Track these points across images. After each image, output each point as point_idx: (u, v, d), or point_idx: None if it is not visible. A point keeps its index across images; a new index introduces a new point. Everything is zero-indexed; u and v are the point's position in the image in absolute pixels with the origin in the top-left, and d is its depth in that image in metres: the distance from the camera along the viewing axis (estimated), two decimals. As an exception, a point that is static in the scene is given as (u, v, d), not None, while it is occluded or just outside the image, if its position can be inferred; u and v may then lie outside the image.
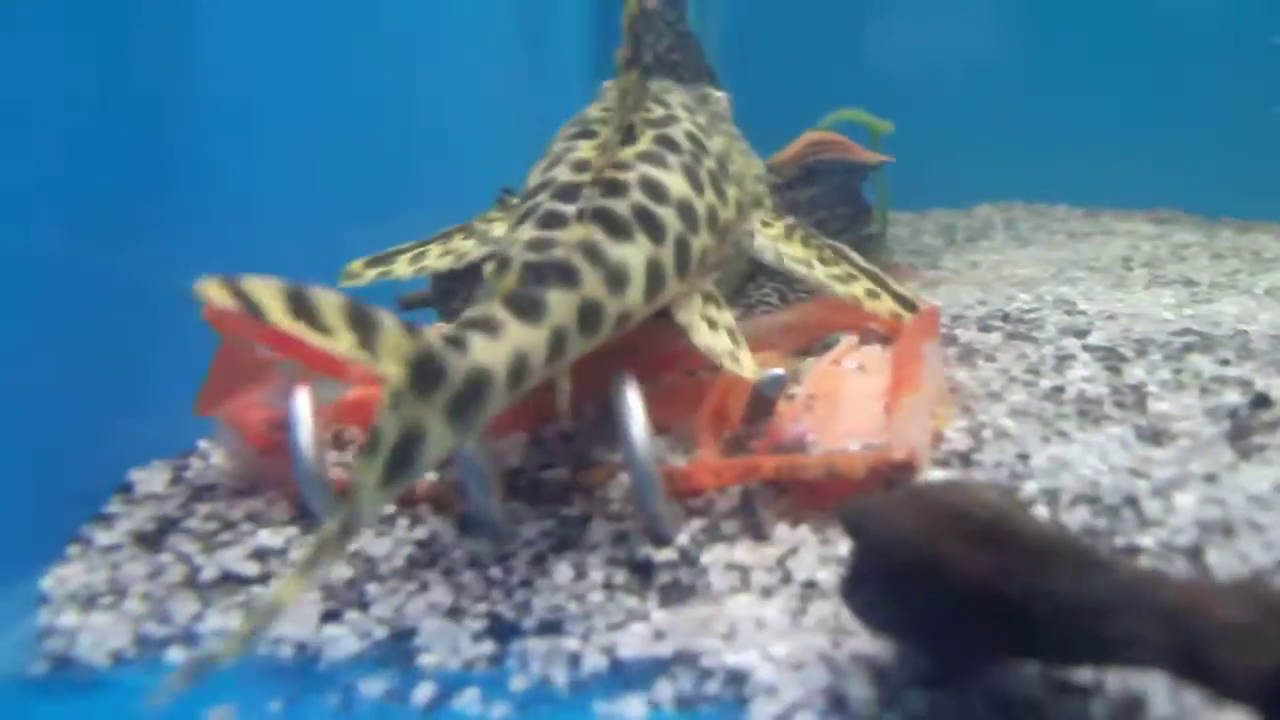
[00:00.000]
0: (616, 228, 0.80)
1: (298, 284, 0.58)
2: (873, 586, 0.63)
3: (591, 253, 0.77)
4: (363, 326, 0.59)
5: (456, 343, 0.64)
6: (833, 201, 1.47)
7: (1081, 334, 1.18)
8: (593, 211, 0.79)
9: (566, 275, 0.74)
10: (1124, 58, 2.23)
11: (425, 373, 0.60)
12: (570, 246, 0.76)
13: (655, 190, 0.84)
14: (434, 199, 1.26)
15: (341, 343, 0.58)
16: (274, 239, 1.15)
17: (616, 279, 0.77)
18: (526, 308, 0.70)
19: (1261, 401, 0.94)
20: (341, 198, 1.25)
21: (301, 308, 0.58)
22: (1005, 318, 1.27)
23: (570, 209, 0.81)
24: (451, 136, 1.51)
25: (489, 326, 0.67)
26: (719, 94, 1.17)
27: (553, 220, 0.80)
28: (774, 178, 1.38)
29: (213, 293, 0.56)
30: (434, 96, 1.49)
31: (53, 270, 0.88)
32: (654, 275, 0.81)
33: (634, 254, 0.79)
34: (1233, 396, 0.96)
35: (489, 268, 0.72)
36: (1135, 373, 1.04)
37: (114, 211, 0.96)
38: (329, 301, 0.58)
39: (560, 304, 0.72)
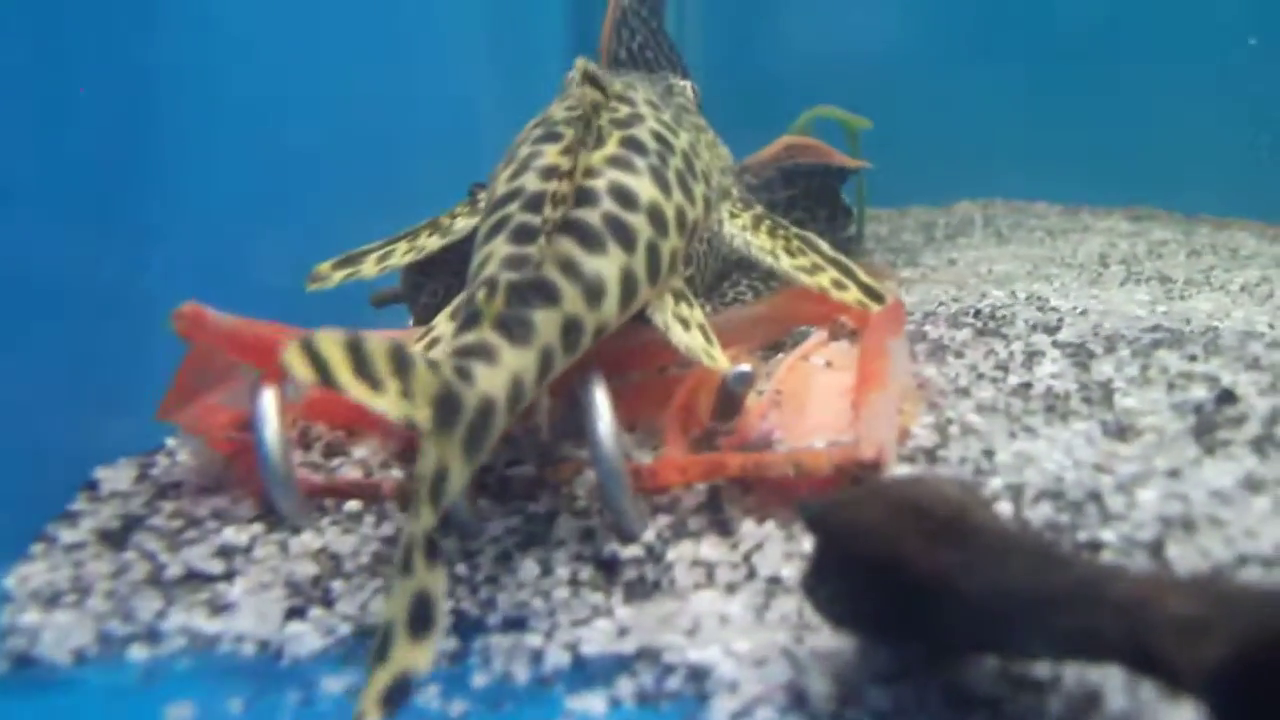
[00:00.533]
0: (590, 240, 0.79)
1: (352, 332, 0.59)
2: (834, 581, 0.64)
3: (568, 268, 0.77)
4: (401, 370, 0.60)
5: (464, 374, 0.65)
6: (811, 203, 1.47)
7: (1052, 330, 1.18)
8: (565, 223, 0.79)
9: (549, 294, 0.75)
10: (1103, 56, 2.24)
11: (447, 409, 0.62)
12: (547, 263, 0.76)
13: (625, 197, 0.84)
14: (409, 197, 1.26)
15: (391, 397, 0.60)
16: (246, 238, 1.15)
17: (593, 292, 0.78)
18: (516, 330, 0.71)
19: (1227, 397, 0.94)
20: (314, 197, 1.24)
21: (360, 361, 0.59)
22: (976, 314, 1.27)
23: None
24: (427, 134, 1.51)
25: (486, 354, 0.69)
26: (684, 83, 1.17)
27: (525, 235, 0.80)
28: (751, 179, 1.38)
29: (298, 368, 0.57)
30: (409, 94, 1.49)
31: (20, 268, 0.88)
32: (628, 285, 0.81)
33: (608, 266, 0.79)
34: (1199, 392, 0.96)
35: (480, 294, 0.73)
36: (1103, 369, 1.04)
37: (82, 210, 0.95)
38: (379, 348, 0.60)
39: (545, 323, 0.73)
